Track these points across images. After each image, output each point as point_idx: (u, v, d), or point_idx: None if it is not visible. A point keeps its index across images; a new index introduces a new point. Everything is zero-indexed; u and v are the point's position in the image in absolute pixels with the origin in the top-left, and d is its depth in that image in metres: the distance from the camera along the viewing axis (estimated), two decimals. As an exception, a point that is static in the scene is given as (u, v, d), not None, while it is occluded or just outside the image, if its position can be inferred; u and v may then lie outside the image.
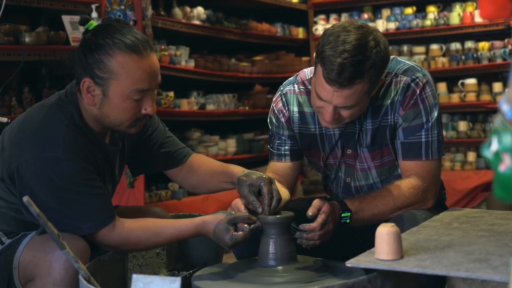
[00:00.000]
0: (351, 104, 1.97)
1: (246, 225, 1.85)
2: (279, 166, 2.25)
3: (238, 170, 2.08)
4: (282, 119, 2.25)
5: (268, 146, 2.31)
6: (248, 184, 1.95)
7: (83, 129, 1.96)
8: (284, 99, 2.25)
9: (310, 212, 1.89)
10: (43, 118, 1.93)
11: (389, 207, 2.03)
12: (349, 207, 1.99)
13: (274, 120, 2.27)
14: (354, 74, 1.89)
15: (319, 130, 2.21)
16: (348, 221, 1.98)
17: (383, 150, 2.15)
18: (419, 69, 2.12)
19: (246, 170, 2.05)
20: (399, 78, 2.09)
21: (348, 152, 2.19)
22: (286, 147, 2.25)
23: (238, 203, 1.94)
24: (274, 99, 2.29)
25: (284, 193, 2.12)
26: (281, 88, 2.28)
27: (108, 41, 1.87)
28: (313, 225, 1.87)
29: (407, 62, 2.14)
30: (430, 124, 2.08)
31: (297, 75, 2.27)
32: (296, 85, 2.25)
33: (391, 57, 2.14)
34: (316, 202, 1.91)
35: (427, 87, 2.09)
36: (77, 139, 1.92)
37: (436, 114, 2.09)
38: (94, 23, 1.94)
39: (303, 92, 2.23)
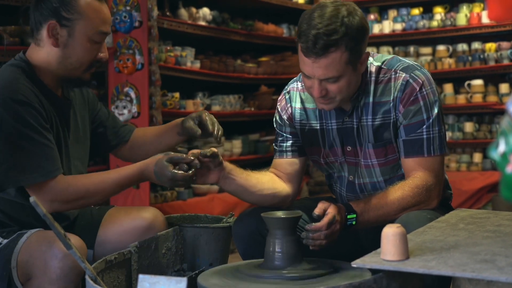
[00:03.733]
0: (332, 75, 2.00)
1: (186, 166, 1.97)
2: (279, 162, 2.28)
3: (178, 119, 2.34)
4: (284, 116, 2.28)
5: (273, 145, 2.34)
6: (190, 118, 2.26)
7: (36, 82, 2.04)
8: (287, 97, 2.29)
9: (316, 212, 1.89)
10: None
11: (394, 208, 2.03)
12: (354, 209, 1.99)
13: (277, 118, 2.31)
14: (328, 42, 1.95)
15: (320, 125, 2.23)
16: (354, 223, 1.98)
17: (388, 148, 2.15)
18: (418, 67, 2.14)
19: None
20: (398, 75, 2.11)
21: (348, 149, 2.20)
22: (288, 144, 2.27)
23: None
24: (279, 99, 2.33)
25: (279, 184, 2.19)
26: (286, 87, 2.32)
27: None
28: (319, 224, 1.87)
29: (407, 61, 2.16)
30: (431, 120, 2.08)
31: (301, 74, 2.28)
32: (299, 83, 2.28)
33: (392, 55, 2.18)
34: (321, 203, 1.91)
35: (427, 84, 2.10)
36: (32, 88, 1.99)
37: (436, 111, 2.09)
38: None
39: (305, 89, 2.25)
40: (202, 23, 5.16)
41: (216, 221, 2.43)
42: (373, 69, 2.14)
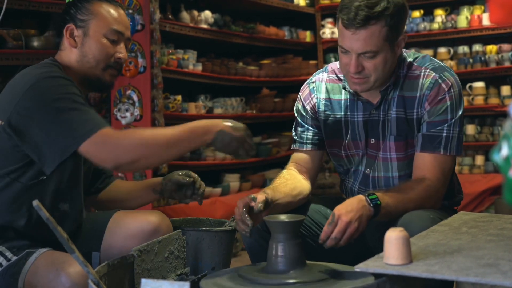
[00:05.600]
0: (370, 49, 2.04)
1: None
2: (300, 156, 2.30)
3: (157, 178, 2.37)
4: (308, 107, 2.31)
5: (292, 134, 2.36)
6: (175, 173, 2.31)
7: None
8: (311, 87, 2.32)
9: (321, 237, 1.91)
10: (32, 72, 2.05)
11: (408, 201, 2.03)
12: (372, 192, 1.99)
13: (299, 107, 2.33)
14: (369, 14, 2.00)
15: (344, 117, 2.25)
16: (378, 202, 1.96)
17: (409, 143, 2.17)
18: (448, 69, 2.18)
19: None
20: (427, 73, 2.15)
21: (371, 142, 2.22)
22: (309, 135, 2.30)
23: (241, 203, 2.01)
24: (301, 88, 2.35)
25: (305, 185, 2.22)
26: (311, 78, 2.35)
27: None
28: (323, 234, 1.89)
29: (440, 62, 2.20)
30: (453, 120, 2.12)
31: (327, 66, 2.35)
32: (325, 74, 2.32)
33: (424, 54, 2.23)
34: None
35: (456, 86, 2.14)
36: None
37: (460, 113, 2.14)
38: None
39: (332, 80, 2.30)
40: (204, 26, 5.16)
41: (218, 225, 2.43)
42: (405, 63, 2.18)
